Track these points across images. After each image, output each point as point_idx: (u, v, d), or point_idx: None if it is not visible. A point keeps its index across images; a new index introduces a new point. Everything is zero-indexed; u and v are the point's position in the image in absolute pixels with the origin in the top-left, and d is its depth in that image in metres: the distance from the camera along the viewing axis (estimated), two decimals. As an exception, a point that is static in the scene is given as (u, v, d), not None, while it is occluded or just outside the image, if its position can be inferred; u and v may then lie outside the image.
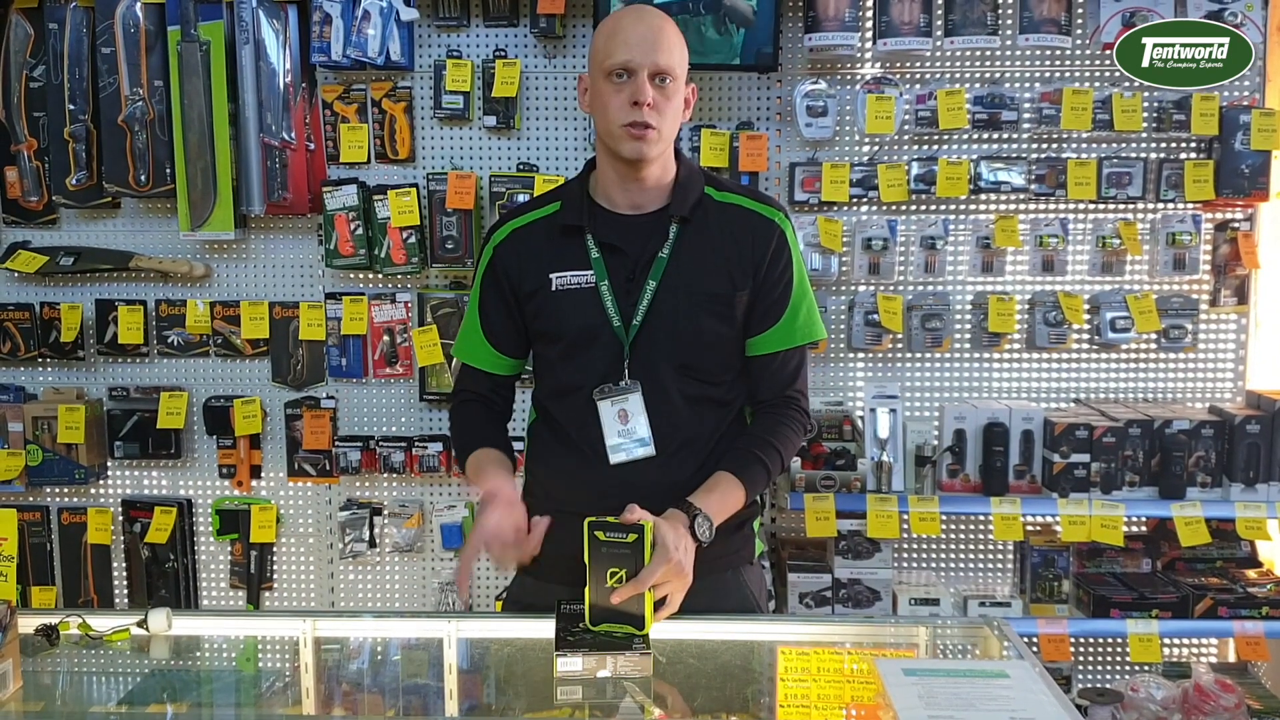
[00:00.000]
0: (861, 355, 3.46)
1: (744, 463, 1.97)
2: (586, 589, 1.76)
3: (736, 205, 2.03)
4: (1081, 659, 3.50)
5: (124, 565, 3.59)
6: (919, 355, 3.44)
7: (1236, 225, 3.34)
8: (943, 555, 3.52)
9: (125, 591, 3.60)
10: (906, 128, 3.33)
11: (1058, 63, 3.35)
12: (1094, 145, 3.37)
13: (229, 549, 3.59)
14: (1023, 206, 3.39)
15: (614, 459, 1.97)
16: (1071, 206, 3.38)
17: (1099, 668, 3.51)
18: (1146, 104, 3.28)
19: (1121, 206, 3.36)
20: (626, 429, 1.94)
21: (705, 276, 1.97)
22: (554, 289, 2.00)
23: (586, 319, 1.98)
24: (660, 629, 1.80)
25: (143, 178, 3.34)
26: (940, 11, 3.24)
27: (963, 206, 3.40)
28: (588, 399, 1.98)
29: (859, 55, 3.32)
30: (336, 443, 3.47)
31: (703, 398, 2.01)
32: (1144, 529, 3.42)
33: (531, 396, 2.16)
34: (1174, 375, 3.44)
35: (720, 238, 1.99)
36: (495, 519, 1.86)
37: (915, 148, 3.39)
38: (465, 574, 1.86)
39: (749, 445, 2.00)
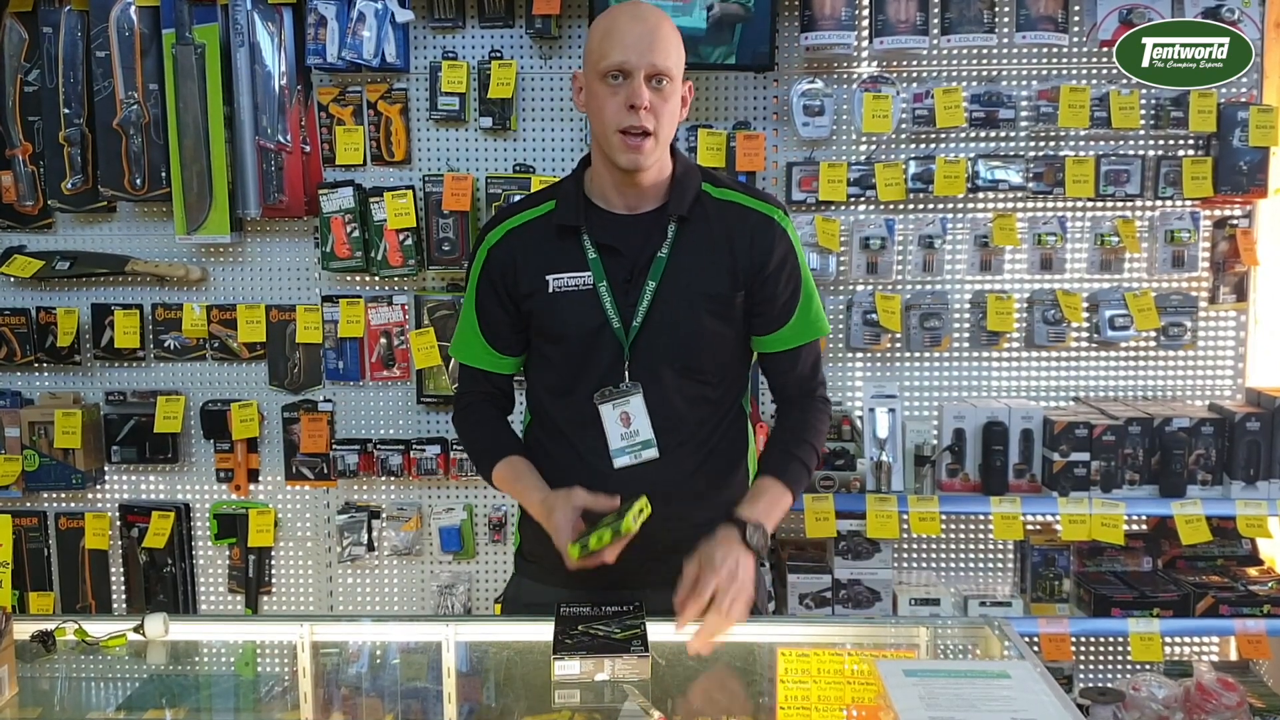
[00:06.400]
0: (860, 355, 3.45)
1: (785, 465, 1.97)
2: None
3: (735, 203, 2.01)
4: (1083, 658, 3.49)
5: (122, 570, 3.58)
6: (918, 354, 3.44)
7: (1235, 222, 3.34)
8: (943, 555, 3.51)
9: (123, 596, 3.59)
10: (904, 126, 3.32)
11: (1055, 60, 3.34)
12: (1092, 143, 3.36)
13: (227, 553, 3.58)
14: (1021, 205, 3.39)
15: (618, 463, 1.95)
16: (1070, 204, 3.38)
17: (1100, 667, 3.50)
18: (1144, 101, 3.28)
19: (1120, 204, 3.36)
20: (629, 431, 1.93)
21: (705, 276, 1.96)
22: (551, 290, 1.97)
23: (586, 321, 1.95)
24: (658, 633, 1.79)
25: (138, 181, 3.33)
26: (937, 9, 3.23)
27: (960, 205, 3.40)
28: (587, 402, 1.96)
29: (855, 54, 3.31)
30: (334, 446, 3.46)
31: (701, 397, 2.00)
32: (1144, 527, 3.41)
33: (526, 399, 2.14)
34: (1173, 373, 3.44)
35: (719, 236, 1.97)
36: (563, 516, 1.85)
37: (912, 146, 3.38)
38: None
39: (786, 445, 2.01)
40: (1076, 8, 3.27)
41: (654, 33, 1.87)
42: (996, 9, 3.24)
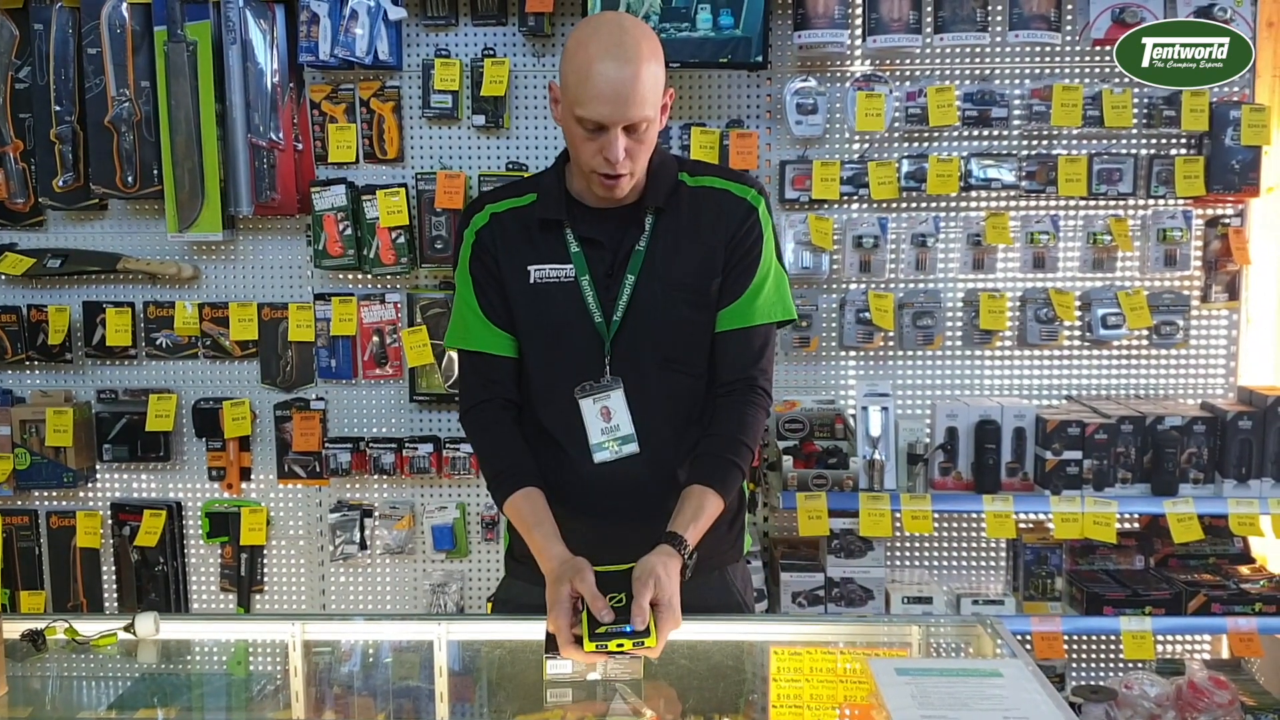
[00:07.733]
0: (853, 353, 3.45)
1: (719, 472, 1.90)
2: (584, 615, 1.69)
3: (711, 187, 1.98)
4: (1075, 657, 3.50)
5: (113, 569, 3.57)
6: (910, 353, 3.44)
7: (1227, 221, 3.35)
8: (935, 553, 3.51)
9: (115, 595, 3.58)
10: (897, 125, 3.32)
11: (1048, 59, 3.34)
12: (1084, 142, 3.37)
13: (219, 552, 3.57)
14: (1013, 203, 3.39)
15: (598, 458, 1.93)
16: (1062, 203, 3.38)
17: (1093, 665, 3.51)
18: (1136, 100, 3.28)
19: (1112, 203, 3.36)
20: (610, 426, 1.91)
21: (682, 267, 1.94)
22: (532, 282, 1.95)
23: (567, 314, 1.94)
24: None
25: (130, 179, 3.32)
26: (930, 8, 3.24)
27: (953, 204, 3.40)
28: (569, 397, 1.94)
29: (849, 52, 3.31)
30: (326, 444, 3.46)
31: (684, 391, 1.98)
32: (1137, 526, 3.42)
33: None
34: (1166, 371, 3.44)
35: (696, 223, 1.96)
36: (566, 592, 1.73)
37: (905, 145, 3.38)
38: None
39: (720, 450, 1.93)
40: (1069, 6, 3.27)
41: (632, 84, 1.76)
42: (989, 8, 3.24)
